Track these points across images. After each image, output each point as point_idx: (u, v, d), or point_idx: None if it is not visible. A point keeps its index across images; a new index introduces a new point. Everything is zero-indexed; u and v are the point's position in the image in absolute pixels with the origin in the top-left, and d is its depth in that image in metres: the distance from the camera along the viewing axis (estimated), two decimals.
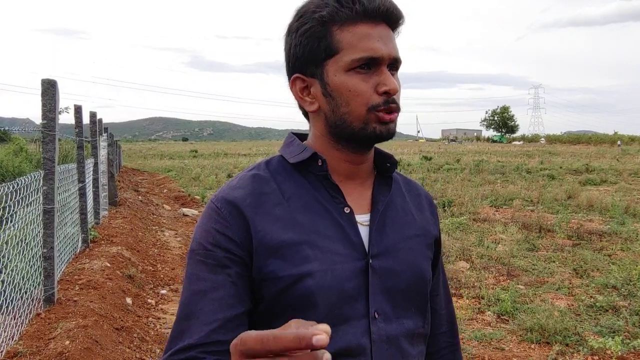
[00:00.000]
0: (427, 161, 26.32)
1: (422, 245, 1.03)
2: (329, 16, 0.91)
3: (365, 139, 0.95)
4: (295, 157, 0.98)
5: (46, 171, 3.92)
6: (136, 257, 6.16)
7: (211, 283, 0.89)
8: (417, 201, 1.09)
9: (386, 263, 0.95)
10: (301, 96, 0.98)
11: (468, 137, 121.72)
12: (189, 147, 63.27)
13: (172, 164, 28.00)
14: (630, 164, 23.18)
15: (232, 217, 0.92)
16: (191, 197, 13.22)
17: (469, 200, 11.71)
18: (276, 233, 0.91)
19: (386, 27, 0.94)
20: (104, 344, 3.45)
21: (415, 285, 0.98)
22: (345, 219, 0.95)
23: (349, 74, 0.92)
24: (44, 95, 3.81)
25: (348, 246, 0.93)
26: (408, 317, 0.97)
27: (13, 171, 8.28)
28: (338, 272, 0.91)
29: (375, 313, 0.93)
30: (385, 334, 0.93)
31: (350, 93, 0.92)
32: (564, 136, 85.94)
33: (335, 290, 0.90)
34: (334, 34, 0.92)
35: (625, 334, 4.34)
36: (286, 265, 0.90)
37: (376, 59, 0.91)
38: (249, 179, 0.97)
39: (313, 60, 0.94)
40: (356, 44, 0.91)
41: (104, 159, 9.47)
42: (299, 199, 0.95)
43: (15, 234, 3.59)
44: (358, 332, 0.91)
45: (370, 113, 0.92)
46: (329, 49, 0.92)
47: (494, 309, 4.96)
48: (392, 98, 0.93)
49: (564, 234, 8.22)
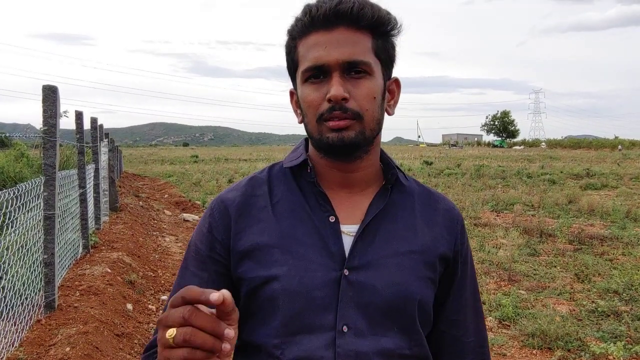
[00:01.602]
0: (428, 166, 26.31)
1: (418, 263, 0.96)
2: (291, 31, 0.95)
3: (325, 148, 0.94)
4: (290, 163, 1.00)
5: (47, 177, 3.92)
6: (137, 263, 6.15)
7: (198, 279, 0.96)
8: (430, 216, 1.02)
9: (365, 276, 0.92)
10: (295, 108, 1.01)
11: (469, 141, 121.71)
12: (189, 153, 63.30)
13: (173, 169, 28.01)
14: (631, 169, 23.15)
15: (220, 217, 0.97)
16: (192, 202, 13.21)
17: (469, 205, 11.70)
18: (252, 235, 0.94)
19: (345, 30, 0.90)
20: (104, 350, 3.45)
21: (397, 304, 0.92)
22: (329, 228, 0.94)
23: (305, 85, 0.93)
24: (45, 101, 3.82)
25: (325, 255, 0.92)
26: (387, 335, 0.92)
27: (14, 177, 8.28)
28: (307, 279, 0.91)
29: (345, 327, 0.90)
30: (355, 349, 0.89)
31: (306, 104, 0.93)
32: (564, 141, 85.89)
33: (302, 297, 0.90)
34: (297, 47, 0.94)
35: (627, 339, 4.33)
36: (256, 267, 0.92)
37: (322, 67, 0.90)
38: (246, 182, 1.02)
39: (291, 75, 0.99)
40: (305, 54, 0.92)
41: (105, 165, 9.48)
42: (285, 204, 0.97)
43: (16, 240, 3.59)
44: (322, 344, 0.89)
45: (321, 122, 0.91)
46: (294, 63, 0.95)
47: (496, 315, 4.94)
48: (340, 105, 0.89)
49: (565, 238, 8.21)
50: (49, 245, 3.94)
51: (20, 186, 3.51)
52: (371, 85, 0.91)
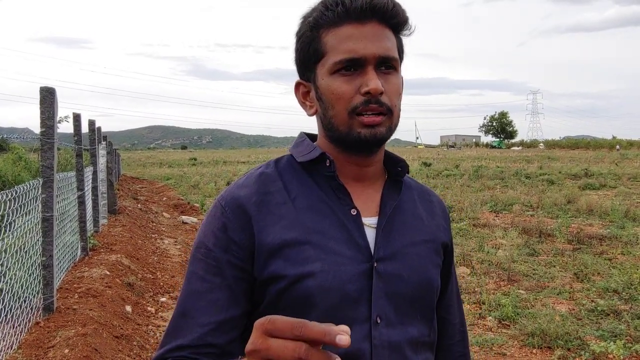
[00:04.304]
0: (427, 167, 26.32)
1: (431, 252, 1.00)
2: (316, 21, 0.92)
3: (352, 143, 0.93)
4: (304, 157, 0.98)
5: (45, 179, 3.91)
6: (136, 265, 6.14)
7: (209, 284, 0.90)
8: (429, 207, 1.07)
9: (392, 267, 0.93)
10: (303, 100, 0.99)
11: (467, 142, 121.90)
12: (188, 155, 63.29)
13: (172, 172, 28.00)
14: (629, 168, 23.20)
15: (236, 217, 0.91)
16: (190, 204, 13.20)
17: (468, 205, 11.71)
18: (279, 232, 0.90)
19: (377, 24, 0.91)
20: (103, 352, 3.43)
21: (421, 292, 0.96)
22: (352, 221, 0.94)
23: (333, 76, 0.91)
24: (42, 103, 3.81)
25: (353, 248, 0.92)
26: (413, 324, 0.94)
27: (12, 180, 8.27)
28: (341, 273, 0.90)
29: (378, 318, 0.91)
30: (388, 339, 0.91)
31: (334, 96, 0.91)
32: (562, 141, 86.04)
33: (336, 292, 0.89)
34: (321, 37, 0.92)
35: (627, 337, 4.33)
36: (287, 265, 0.89)
37: (358, 60, 0.89)
38: (256, 178, 0.97)
39: (307, 65, 0.96)
40: (338, 46, 0.90)
41: (103, 167, 9.46)
42: (304, 199, 0.94)
43: (14, 242, 3.58)
44: (359, 337, 0.89)
45: (353, 116, 0.90)
46: (317, 53, 0.93)
47: (495, 314, 4.94)
48: (377, 99, 0.89)
49: (564, 238, 8.21)
50: (47, 247, 3.93)
51: (17, 188, 3.50)
52: (398, 82, 0.93)
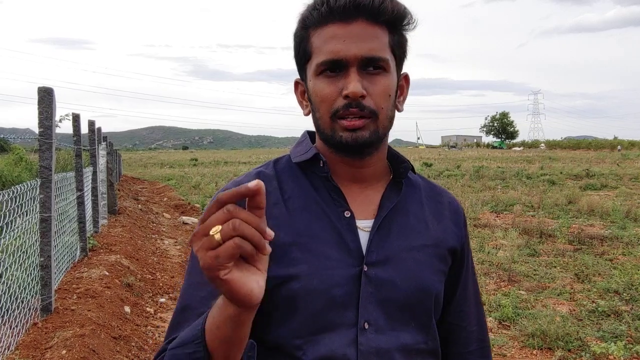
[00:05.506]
0: (428, 167, 26.30)
1: (432, 257, 0.96)
2: (304, 20, 0.90)
3: (336, 146, 0.91)
4: (299, 157, 0.97)
5: (43, 179, 3.90)
6: (135, 266, 6.12)
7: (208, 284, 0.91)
8: (438, 209, 1.02)
9: (384, 272, 0.91)
10: (300, 99, 0.98)
11: (468, 143, 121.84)
12: (189, 156, 63.29)
13: (172, 173, 27.99)
14: (631, 169, 23.15)
15: None
16: (191, 205, 13.18)
17: (469, 205, 11.69)
18: None
19: (365, 23, 0.87)
20: (101, 353, 3.42)
21: (416, 299, 0.93)
22: (344, 224, 0.92)
23: (319, 78, 0.89)
24: (41, 103, 3.80)
25: (343, 251, 0.90)
26: (406, 331, 0.92)
27: (13, 181, 8.26)
28: (327, 277, 0.88)
29: (366, 323, 0.89)
30: (376, 346, 0.89)
31: (318, 98, 0.89)
32: (563, 141, 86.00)
33: (321, 295, 0.87)
34: (310, 37, 0.90)
35: (628, 338, 4.31)
36: (273, 266, 0.86)
37: (339, 61, 0.86)
38: (253, 177, 0.96)
39: (300, 65, 0.94)
40: (321, 46, 0.87)
41: (103, 168, 9.46)
42: (298, 200, 0.93)
43: (12, 242, 3.57)
44: (344, 342, 0.88)
45: (335, 119, 0.88)
46: (306, 54, 0.91)
47: (495, 315, 4.92)
48: (358, 102, 0.85)
49: (565, 239, 8.19)
50: (45, 247, 3.92)
51: (15, 188, 3.49)
52: (387, 83, 0.89)
